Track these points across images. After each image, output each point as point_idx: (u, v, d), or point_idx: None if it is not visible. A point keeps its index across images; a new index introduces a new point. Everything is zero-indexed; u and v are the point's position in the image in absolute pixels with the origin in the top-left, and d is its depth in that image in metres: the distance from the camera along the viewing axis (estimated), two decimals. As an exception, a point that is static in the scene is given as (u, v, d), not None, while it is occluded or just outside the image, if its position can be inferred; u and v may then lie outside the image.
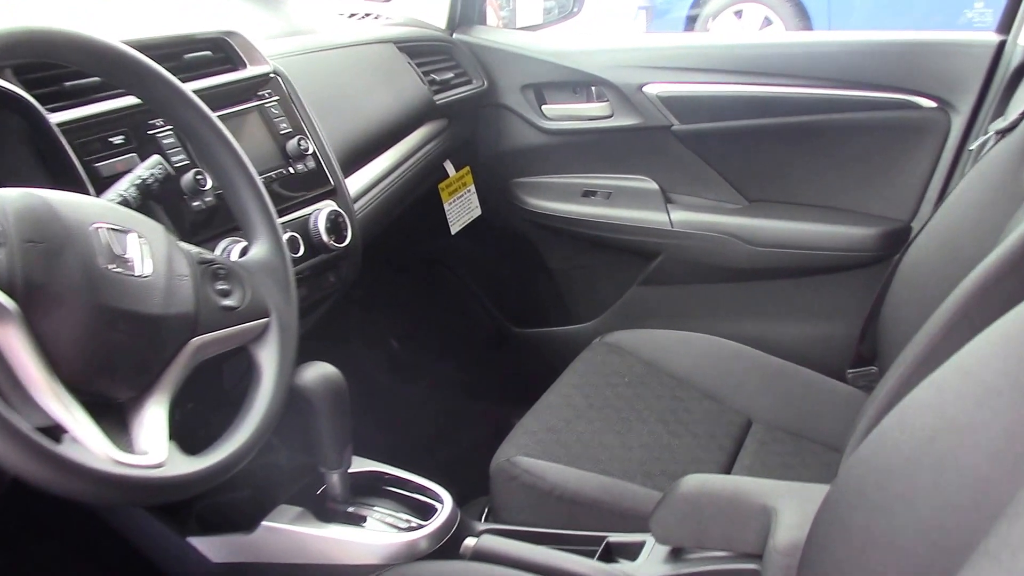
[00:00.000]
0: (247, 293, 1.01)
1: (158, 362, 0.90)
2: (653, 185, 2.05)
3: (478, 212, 2.10)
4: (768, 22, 6.41)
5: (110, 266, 0.85)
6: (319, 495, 1.32)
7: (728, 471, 1.45)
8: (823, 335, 1.96)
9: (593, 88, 2.03)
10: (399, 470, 1.40)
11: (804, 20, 6.32)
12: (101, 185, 1.07)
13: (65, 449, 0.76)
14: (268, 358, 1.00)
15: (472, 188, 2.08)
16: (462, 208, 2.04)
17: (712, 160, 2.00)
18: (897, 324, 1.44)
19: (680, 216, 2.02)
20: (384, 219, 1.66)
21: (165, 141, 1.18)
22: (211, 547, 1.31)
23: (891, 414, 0.77)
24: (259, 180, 1.08)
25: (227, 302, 0.98)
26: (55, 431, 0.78)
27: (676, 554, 1.20)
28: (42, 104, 1.10)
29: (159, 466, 0.83)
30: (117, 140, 1.14)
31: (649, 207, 2.05)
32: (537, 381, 1.70)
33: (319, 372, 1.21)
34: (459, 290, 2.36)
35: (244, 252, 1.11)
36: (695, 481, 1.16)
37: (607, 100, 2.01)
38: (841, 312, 1.93)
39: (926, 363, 1.04)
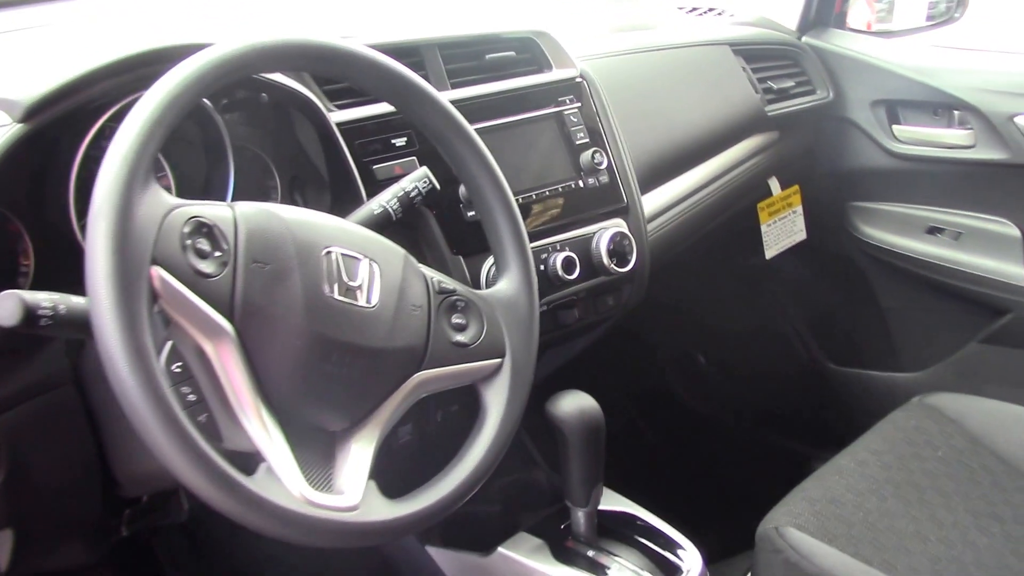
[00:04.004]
0: (484, 329, 0.94)
1: (374, 396, 0.86)
2: (1013, 231, 1.77)
3: (802, 236, 1.92)
4: None
5: (335, 294, 0.82)
6: (562, 529, 1.26)
7: None
8: None
9: (955, 113, 1.77)
10: (652, 516, 1.31)
11: None
12: (375, 188, 1.06)
13: (256, 484, 0.74)
14: (496, 400, 0.94)
15: (798, 209, 1.90)
16: (782, 231, 1.87)
17: None
18: None
19: None
20: (684, 241, 1.54)
21: None
22: (445, 560, 1.29)
23: None
24: (516, 208, 1.00)
25: (460, 337, 0.93)
26: (254, 456, 0.77)
27: None
28: (331, 101, 1.10)
29: (353, 508, 0.79)
30: (400, 142, 1.13)
31: (1003, 256, 1.77)
32: (844, 426, 1.55)
33: (576, 404, 1.15)
34: (774, 313, 2.19)
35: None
36: None
37: (970, 128, 1.75)
38: None
39: None
